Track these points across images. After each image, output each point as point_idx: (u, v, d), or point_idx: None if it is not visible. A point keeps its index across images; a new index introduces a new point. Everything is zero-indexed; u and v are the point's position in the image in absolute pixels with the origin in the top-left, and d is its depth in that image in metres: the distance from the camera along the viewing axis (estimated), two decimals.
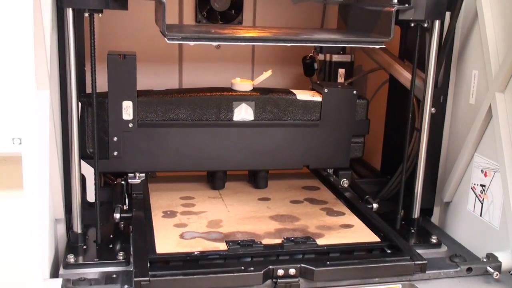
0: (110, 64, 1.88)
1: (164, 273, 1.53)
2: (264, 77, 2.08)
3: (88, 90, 2.45)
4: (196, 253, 1.65)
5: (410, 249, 1.70)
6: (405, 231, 1.96)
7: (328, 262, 1.59)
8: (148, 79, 2.60)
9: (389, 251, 1.75)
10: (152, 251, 1.66)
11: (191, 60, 2.77)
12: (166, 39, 1.54)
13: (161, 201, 2.05)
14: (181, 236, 1.77)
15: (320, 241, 1.74)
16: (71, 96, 1.69)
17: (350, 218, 1.97)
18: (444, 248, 1.88)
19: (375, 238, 1.81)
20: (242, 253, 1.66)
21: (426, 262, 1.64)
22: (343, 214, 2.01)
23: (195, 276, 1.51)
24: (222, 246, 1.69)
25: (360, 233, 1.85)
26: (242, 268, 1.55)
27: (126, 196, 2.03)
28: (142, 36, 2.59)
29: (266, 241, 1.74)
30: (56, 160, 1.71)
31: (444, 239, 1.94)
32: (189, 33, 1.54)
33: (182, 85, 2.79)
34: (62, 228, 1.87)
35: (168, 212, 1.96)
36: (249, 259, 1.66)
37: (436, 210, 2.15)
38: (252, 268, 1.54)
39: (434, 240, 1.89)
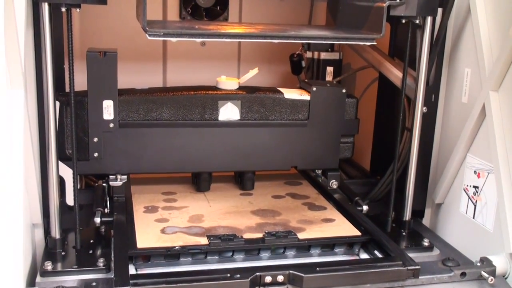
0: (90, 61, 1.81)
1: (146, 281, 1.46)
2: (250, 75, 2.02)
3: (68, 88, 2.41)
4: (177, 247, 1.65)
5: (402, 254, 1.65)
6: (396, 234, 1.90)
7: (317, 269, 1.53)
8: (132, 77, 2.54)
9: (380, 256, 1.70)
10: (133, 246, 1.64)
11: (176, 58, 2.72)
12: (147, 35, 1.46)
13: (143, 196, 2.03)
14: (162, 231, 1.76)
15: (301, 235, 1.75)
16: (47, 95, 1.61)
17: (332, 212, 1.97)
18: (436, 252, 1.83)
19: (356, 232, 1.81)
20: (223, 247, 1.67)
21: (419, 267, 1.58)
22: (324, 208, 2.01)
23: (178, 285, 1.44)
24: (203, 241, 1.69)
25: (341, 227, 1.85)
26: (228, 275, 1.48)
27: (108, 199, 1.97)
28: (125, 33, 2.53)
29: (247, 235, 1.74)
30: (32, 162, 1.64)
31: (436, 242, 1.89)
32: (171, 29, 1.47)
33: (166, 83, 2.73)
34: (40, 233, 1.79)
35: (150, 208, 1.94)
36: (230, 253, 1.70)
37: (428, 212, 2.10)
38: (238, 275, 1.48)
39: (426, 243, 1.84)
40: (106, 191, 2.00)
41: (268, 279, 1.50)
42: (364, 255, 1.81)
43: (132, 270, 1.63)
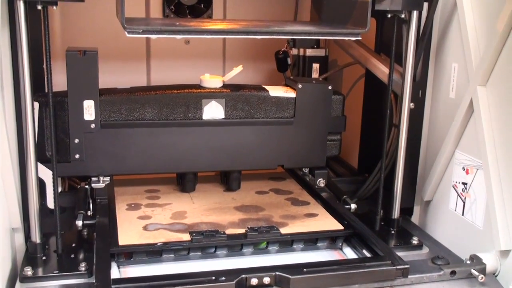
0: (69, 60, 1.76)
1: (129, 286, 1.42)
2: (235, 73, 1.98)
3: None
4: (159, 244, 1.65)
5: (390, 253, 1.62)
6: (384, 232, 1.87)
7: (304, 269, 1.50)
8: (115, 77, 2.51)
9: (369, 255, 1.67)
10: (115, 244, 1.64)
11: (160, 56, 2.68)
12: (126, 32, 1.42)
13: (126, 194, 2.03)
14: (145, 228, 1.76)
15: (283, 230, 1.76)
16: (24, 95, 1.56)
17: (315, 207, 1.98)
18: (425, 250, 1.80)
19: (339, 226, 1.82)
20: (206, 243, 1.68)
21: (408, 266, 1.55)
22: (307, 203, 2.01)
23: None
24: (186, 237, 1.69)
25: (324, 222, 1.86)
26: (213, 278, 1.44)
27: (91, 201, 1.93)
28: (108, 32, 2.49)
29: (230, 231, 1.74)
30: (10, 164, 1.59)
31: (425, 240, 1.86)
32: (151, 26, 1.43)
33: (150, 83, 2.70)
34: (20, 238, 1.74)
35: (133, 205, 1.94)
36: (213, 250, 1.71)
37: (416, 210, 2.08)
38: (223, 278, 1.44)
39: (415, 241, 1.81)
40: (88, 193, 1.96)
41: (254, 281, 1.46)
42: (347, 249, 1.80)
43: (114, 267, 1.62)
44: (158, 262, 1.67)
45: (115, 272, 1.61)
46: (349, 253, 1.78)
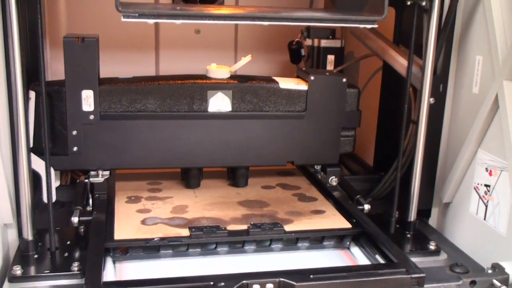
0: (67, 48, 1.67)
1: None
2: (243, 63, 1.87)
3: (48, 78, 2.27)
4: (156, 239, 1.58)
5: (405, 260, 1.50)
6: (399, 235, 1.76)
7: (311, 276, 1.38)
8: (123, 67, 2.44)
9: (381, 260, 1.55)
10: (110, 238, 1.58)
11: (169, 46, 2.60)
12: (121, 17, 1.32)
13: (127, 186, 1.96)
14: (143, 222, 1.69)
15: (288, 227, 1.68)
16: (15, 85, 1.47)
17: (322, 203, 1.90)
18: (443, 256, 1.69)
19: (347, 224, 1.74)
20: (205, 239, 1.61)
21: (424, 275, 1.43)
22: (315, 199, 1.93)
23: None
24: (185, 232, 1.62)
25: (331, 219, 1.78)
26: (211, 283, 1.33)
27: (91, 196, 1.84)
28: (116, 21, 2.39)
29: (231, 227, 1.67)
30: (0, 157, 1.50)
31: (443, 245, 1.75)
32: (147, 10, 1.32)
33: (159, 73, 2.64)
34: (13, 234, 1.66)
35: (133, 198, 1.88)
36: (213, 246, 1.64)
37: (434, 212, 1.96)
38: (222, 284, 1.33)
39: (432, 246, 1.70)
40: (88, 188, 1.87)
41: (256, 287, 1.35)
42: (355, 249, 1.71)
43: (109, 263, 1.56)
44: (155, 258, 1.61)
45: (110, 268, 1.54)
46: (357, 253, 1.69)
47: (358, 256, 1.68)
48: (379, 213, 1.89)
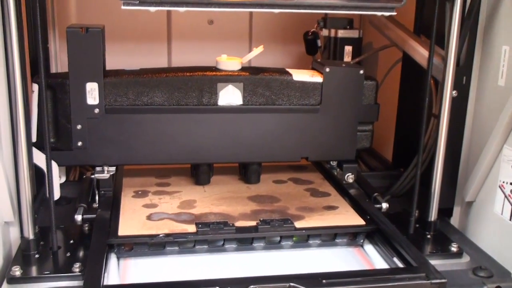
0: (70, 39, 1.61)
1: None
2: (255, 54, 1.79)
3: (53, 70, 2.21)
4: (161, 235, 1.53)
5: (425, 263, 1.41)
6: (419, 236, 1.67)
7: (324, 281, 1.30)
8: (134, 59, 2.39)
9: (401, 266, 1.46)
10: (114, 234, 1.53)
11: (182, 37, 2.54)
12: (122, 4, 1.25)
13: (134, 183, 1.90)
14: (149, 217, 1.65)
15: (299, 224, 1.63)
16: (14, 77, 1.40)
17: (335, 199, 1.84)
18: (466, 258, 1.59)
19: (360, 221, 1.67)
20: (212, 236, 1.56)
21: (445, 280, 1.34)
22: (328, 195, 1.87)
23: None
24: (191, 228, 1.57)
25: (344, 216, 1.71)
26: None
27: (97, 193, 1.77)
28: (126, 12, 2.33)
29: (239, 223, 1.62)
30: None
31: (466, 247, 1.65)
32: None
33: (171, 65, 2.58)
34: (16, 232, 1.60)
35: (140, 192, 1.83)
36: (221, 243, 1.59)
37: (457, 211, 1.87)
38: None
39: (454, 248, 1.60)
40: (94, 184, 1.80)
41: None
42: (368, 247, 1.64)
43: (113, 259, 1.51)
44: (161, 254, 1.56)
45: (113, 265, 1.49)
46: (371, 252, 1.62)
47: (372, 255, 1.61)
48: (397, 212, 1.81)
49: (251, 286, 1.27)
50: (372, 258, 1.59)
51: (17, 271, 1.40)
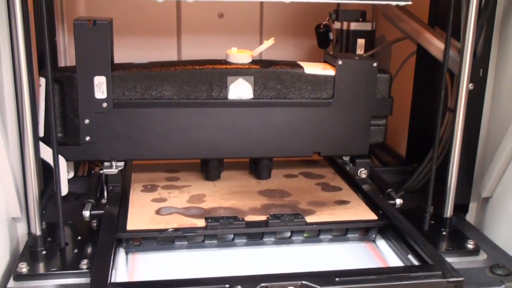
0: (78, 32, 1.58)
1: None
2: (265, 46, 1.75)
3: (61, 64, 2.19)
4: (170, 230, 1.51)
5: (441, 261, 1.37)
6: (434, 233, 1.63)
7: (336, 279, 1.26)
8: (143, 53, 2.36)
9: (416, 263, 1.42)
10: (122, 228, 1.51)
11: (191, 31, 2.51)
12: None
13: (144, 178, 1.87)
14: (157, 211, 1.62)
15: (309, 219, 1.60)
16: (19, 71, 1.37)
17: (347, 193, 1.81)
18: (483, 256, 1.55)
19: (372, 216, 1.64)
20: (221, 231, 1.54)
21: (462, 279, 1.30)
22: (339, 189, 1.84)
23: None
24: (200, 223, 1.55)
25: (356, 210, 1.69)
26: (227, 286, 1.22)
27: (105, 188, 1.75)
28: (136, 4, 2.31)
29: (249, 217, 1.59)
30: (3, 147, 1.41)
31: (483, 244, 1.61)
32: None
33: (181, 59, 2.51)
34: (23, 228, 1.58)
35: (149, 186, 1.81)
36: (231, 237, 1.57)
37: (473, 207, 1.83)
38: (239, 287, 1.22)
39: (470, 245, 1.56)
40: (103, 180, 1.77)
41: None
42: (381, 242, 1.62)
43: (122, 254, 1.51)
44: (170, 249, 1.55)
45: (122, 260, 1.48)
46: (383, 247, 1.60)
47: (384, 250, 1.58)
48: (411, 208, 1.77)
49: (262, 284, 1.23)
50: (384, 253, 1.56)
51: (23, 267, 1.37)
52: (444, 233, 1.63)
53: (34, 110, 1.43)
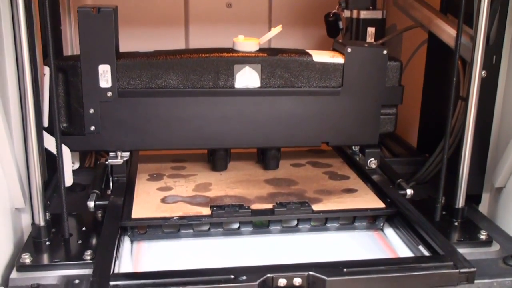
0: (82, 19, 1.56)
1: (129, 283, 1.19)
2: (273, 34, 1.72)
3: (66, 53, 2.16)
4: (175, 218, 1.50)
5: (453, 252, 1.33)
6: (446, 224, 1.59)
7: (344, 270, 1.23)
8: (151, 43, 2.31)
9: (427, 254, 1.38)
10: (127, 217, 1.50)
11: (199, 21, 2.49)
12: None
13: (149, 168, 1.86)
14: (163, 200, 1.61)
15: (316, 207, 1.58)
16: (22, 60, 1.35)
17: (355, 182, 1.78)
18: (496, 247, 1.50)
19: (380, 204, 1.62)
20: (226, 219, 1.52)
21: (474, 269, 1.26)
22: (347, 178, 1.82)
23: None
24: (206, 211, 1.53)
25: (364, 198, 1.66)
26: (232, 277, 1.20)
27: (111, 179, 1.73)
28: None
29: (255, 206, 1.58)
30: (5, 137, 1.39)
31: (496, 235, 1.57)
32: None
33: None
34: (28, 219, 1.56)
35: (155, 175, 1.80)
36: (236, 226, 1.56)
37: (485, 197, 1.78)
38: (244, 277, 1.20)
39: (483, 236, 1.52)
40: (109, 171, 1.75)
41: (282, 282, 1.21)
42: (389, 230, 1.59)
43: (127, 242, 1.50)
44: (175, 238, 1.54)
45: (127, 248, 1.47)
46: (391, 235, 1.58)
47: (392, 239, 1.55)
48: (423, 199, 1.73)
49: (268, 275, 1.20)
50: (392, 242, 1.53)
51: (26, 258, 1.35)
52: (456, 223, 1.59)
53: (37, 99, 1.41)
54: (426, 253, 1.41)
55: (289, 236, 1.56)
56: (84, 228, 1.52)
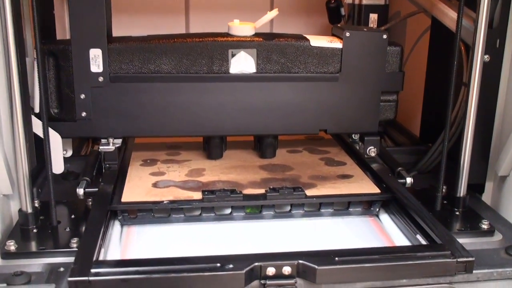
0: (72, 2, 1.52)
1: (110, 271, 1.14)
2: (269, 18, 1.68)
3: (59, 37, 2.12)
4: (165, 202, 1.48)
5: (451, 240, 1.28)
6: (447, 213, 1.54)
7: (336, 258, 1.18)
8: (151, 32, 2.27)
9: (424, 243, 1.33)
10: (117, 201, 1.49)
11: (200, 9, 2.44)
12: None
13: (144, 153, 1.84)
14: (154, 184, 1.59)
15: (310, 192, 1.55)
16: (7, 44, 1.31)
17: (351, 168, 1.75)
18: (498, 237, 1.46)
19: (375, 189, 1.59)
20: (217, 203, 1.51)
21: (472, 259, 1.21)
22: (343, 164, 1.79)
23: (152, 276, 1.12)
24: (197, 196, 1.51)
25: (359, 184, 1.63)
26: (218, 265, 1.15)
27: (103, 166, 1.69)
28: None
29: (248, 191, 1.55)
30: None
31: (499, 224, 1.52)
32: None
33: None
34: (16, 206, 1.52)
35: (148, 161, 1.78)
36: (228, 211, 1.54)
37: (489, 187, 1.72)
38: (231, 266, 1.15)
39: (485, 225, 1.47)
40: (102, 158, 1.72)
41: (270, 270, 1.16)
42: (384, 216, 1.56)
43: (117, 226, 1.49)
44: (165, 222, 1.52)
45: (116, 232, 1.46)
46: (386, 221, 1.55)
47: (387, 225, 1.52)
48: (424, 188, 1.68)
49: (256, 264, 1.16)
50: (387, 228, 1.50)
51: (11, 245, 1.33)
52: (457, 213, 1.55)
53: (25, 84, 1.37)
54: (423, 242, 1.35)
55: (282, 221, 1.54)
56: (73, 216, 1.49)
